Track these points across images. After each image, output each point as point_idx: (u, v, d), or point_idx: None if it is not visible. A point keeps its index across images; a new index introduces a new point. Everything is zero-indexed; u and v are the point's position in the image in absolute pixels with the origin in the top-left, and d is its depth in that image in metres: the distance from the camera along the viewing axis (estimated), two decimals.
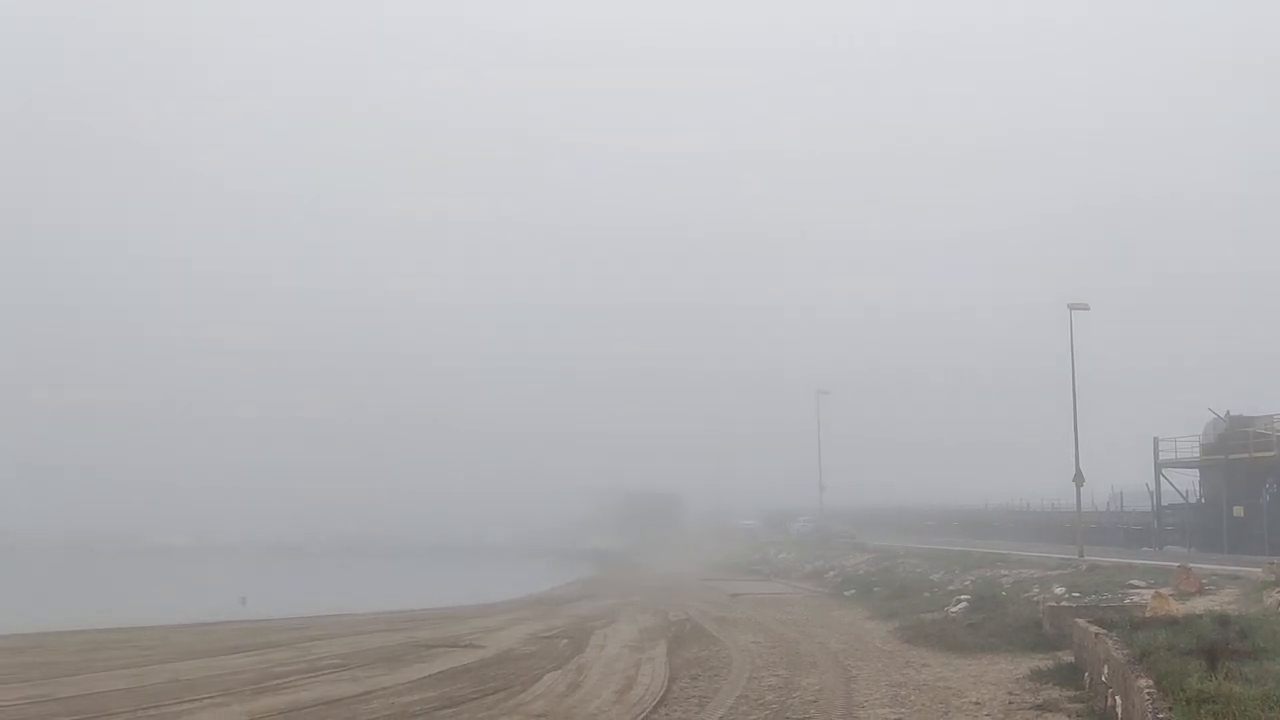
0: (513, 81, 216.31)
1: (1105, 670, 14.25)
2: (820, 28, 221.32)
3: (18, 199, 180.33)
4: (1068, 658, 19.06)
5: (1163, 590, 22.79)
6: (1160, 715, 9.93)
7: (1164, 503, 47.93)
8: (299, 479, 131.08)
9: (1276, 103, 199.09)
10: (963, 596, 30.83)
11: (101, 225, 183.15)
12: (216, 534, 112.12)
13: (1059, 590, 28.01)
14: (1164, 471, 47.48)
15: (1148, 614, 18.60)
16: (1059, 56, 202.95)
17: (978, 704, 16.36)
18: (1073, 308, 38.36)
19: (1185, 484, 47.92)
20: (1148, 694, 10.67)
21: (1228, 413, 45.00)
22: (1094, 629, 16.49)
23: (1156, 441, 47.44)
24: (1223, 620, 15.72)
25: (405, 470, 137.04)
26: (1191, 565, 27.48)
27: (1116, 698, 12.92)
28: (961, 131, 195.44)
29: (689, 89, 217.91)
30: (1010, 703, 16.28)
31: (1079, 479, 38.13)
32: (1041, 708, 15.59)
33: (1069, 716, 14.77)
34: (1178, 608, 19.15)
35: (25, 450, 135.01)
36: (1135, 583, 27.19)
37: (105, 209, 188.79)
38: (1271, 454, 41.43)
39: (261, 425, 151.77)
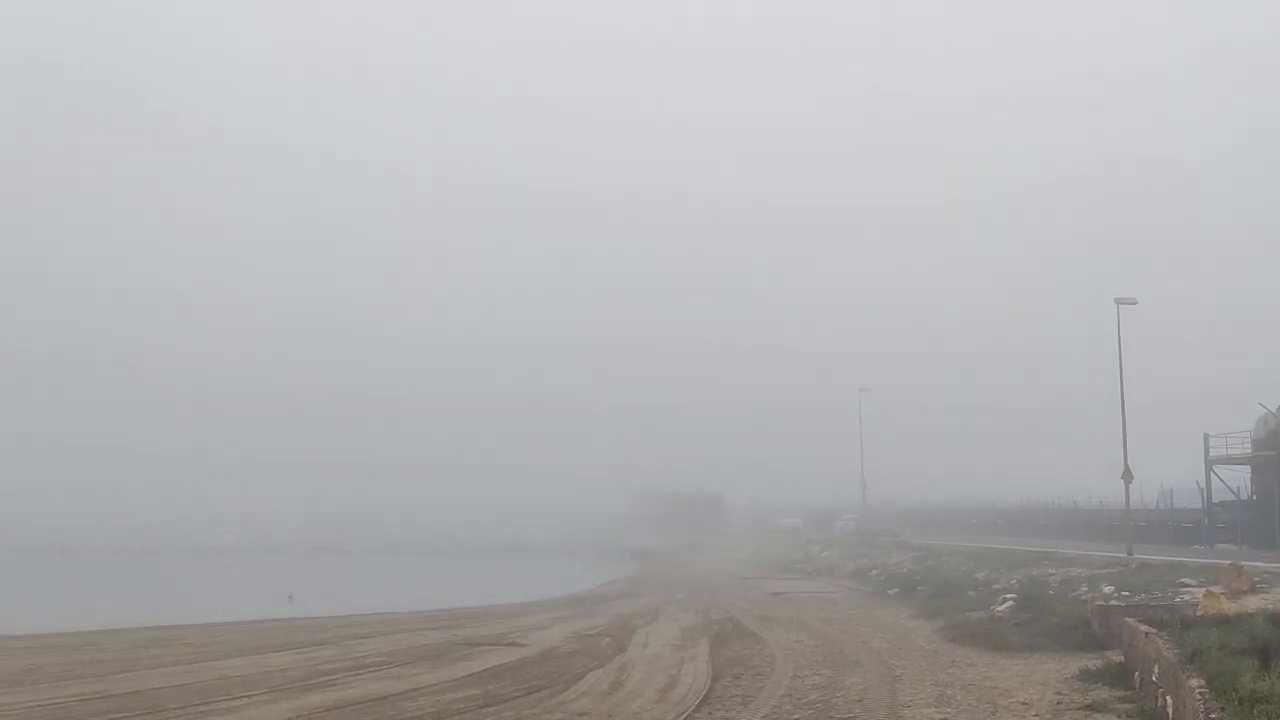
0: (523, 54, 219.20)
1: (1156, 670, 14.04)
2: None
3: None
4: (1117, 657, 18.80)
5: (1214, 588, 22.39)
6: (1212, 715, 9.77)
7: (1215, 499, 47.09)
8: (342, 480, 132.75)
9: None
10: (1009, 595, 30.47)
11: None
12: (264, 534, 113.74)
13: (1108, 589, 27.60)
14: (1214, 468, 46.63)
15: (1199, 613, 18.30)
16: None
17: (1025, 704, 16.16)
18: (1120, 302, 37.48)
19: (1236, 480, 47.08)
20: (1199, 694, 10.51)
21: (1279, 408, 44.13)
22: (1144, 628, 16.24)
23: (1207, 438, 46.61)
24: (1276, 619, 15.42)
25: (443, 464, 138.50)
26: (1243, 563, 27.00)
27: (1167, 697, 12.73)
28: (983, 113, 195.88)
29: (714, 72, 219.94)
30: (1059, 703, 16.07)
31: (1127, 476, 37.52)
32: (1090, 708, 15.38)
33: (1119, 717, 14.56)
34: (1230, 606, 18.82)
35: (75, 453, 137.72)
36: (1186, 581, 26.74)
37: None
38: None
39: (301, 423, 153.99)
